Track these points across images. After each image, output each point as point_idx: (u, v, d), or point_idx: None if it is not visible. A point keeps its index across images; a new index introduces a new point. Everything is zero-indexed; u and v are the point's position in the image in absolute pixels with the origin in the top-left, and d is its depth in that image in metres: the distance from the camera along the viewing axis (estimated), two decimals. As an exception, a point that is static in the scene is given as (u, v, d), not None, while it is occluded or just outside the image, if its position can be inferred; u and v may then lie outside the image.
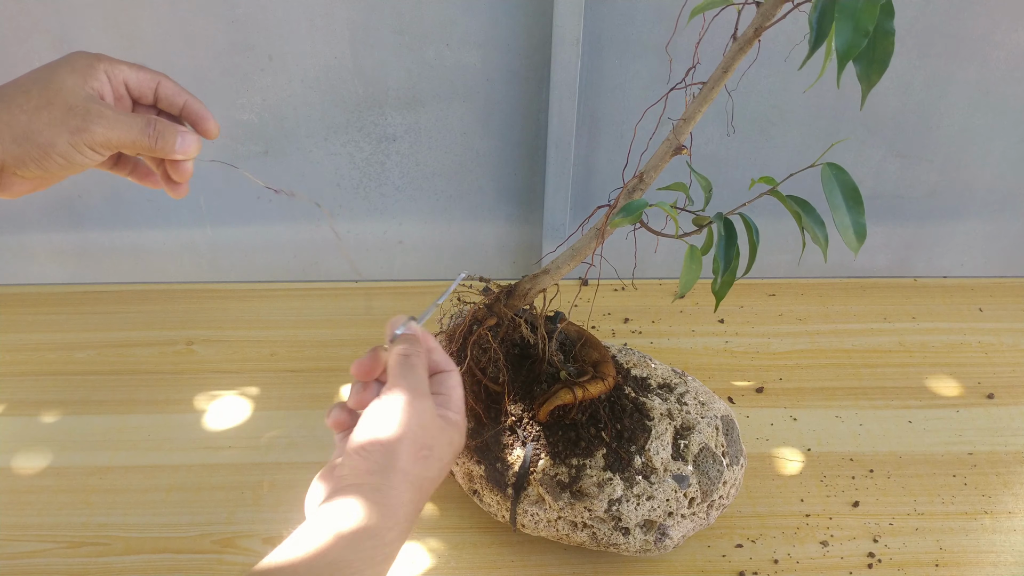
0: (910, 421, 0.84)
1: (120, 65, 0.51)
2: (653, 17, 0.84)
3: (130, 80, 0.51)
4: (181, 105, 0.54)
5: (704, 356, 0.92)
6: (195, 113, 0.54)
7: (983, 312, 0.99)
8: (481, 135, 0.94)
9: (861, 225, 0.49)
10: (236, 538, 0.72)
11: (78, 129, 0.47)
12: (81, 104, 0.47)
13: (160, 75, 0.53)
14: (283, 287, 1.04)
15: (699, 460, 0.66)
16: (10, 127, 0.46)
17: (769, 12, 0.45)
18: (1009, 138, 0.94)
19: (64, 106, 0.47)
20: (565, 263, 0.61)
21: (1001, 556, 0.70)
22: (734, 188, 0.91)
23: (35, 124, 0.46)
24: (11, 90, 0.48)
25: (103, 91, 0.50)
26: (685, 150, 0.53)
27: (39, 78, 0.48)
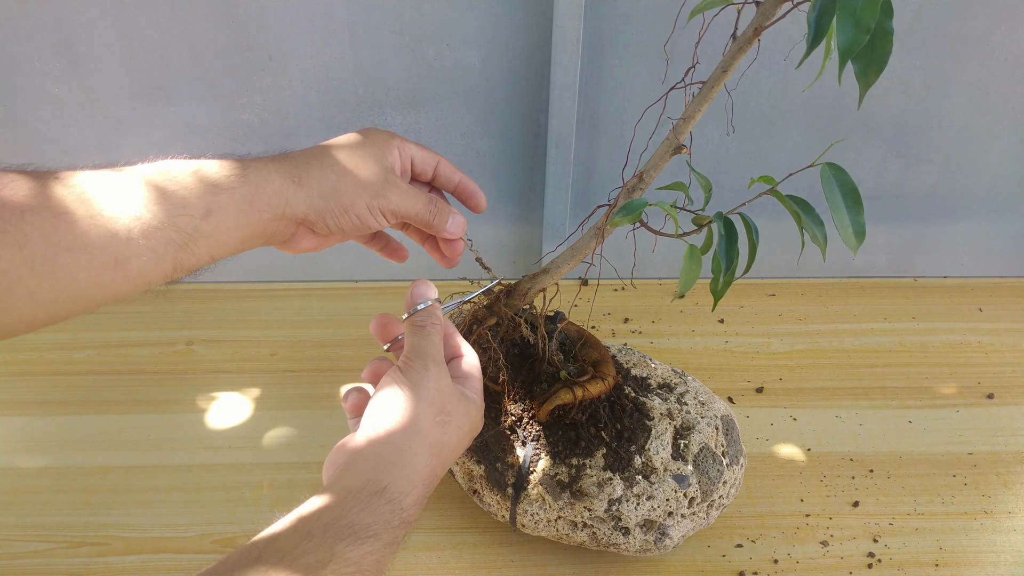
0: (910, 421, 0.84)
1: (409, 144, 0.56)
2: (653, 17, 0.84)
3: (416, 158, 0.57)
4: (456, 182, 0.60)
5: (704, 356, 0.92)
6: (468, 190, 0.61)
7: (983, 312, 0.99)
8: (481, 135, 0.94)
9: (860, 225, 0.49)
10: (236, 538, 0.72)
11: (377, 195, 0.52)
12: (381, 174, 0.53)
13: (439, 156, 0.58)
14: (283, 287, 1.04)
15: (699, 460, 0.66)
16: (320, 184, 0.50)
17: (768, 11, 0.45)
18: (1009, 138, 0.94)
19: (368, 173, 0.52)
20: (565, 263, 0.61)
21: (1001, 556, 0.70)
22: (734, 188, 0.91)
23: (342, 185, 0.51)
24: (323, 150, 0.52)
25: (395, 165, 0.55)
26: (685, 149, 0.53)
27: (347, 144, 0.53)
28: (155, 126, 0.91)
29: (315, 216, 0.50)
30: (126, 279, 0.43)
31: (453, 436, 0.51)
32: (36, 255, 0.39)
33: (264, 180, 0.48)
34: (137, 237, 0.42)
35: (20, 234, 0.38)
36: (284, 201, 0.49)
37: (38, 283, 0.39)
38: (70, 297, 0.41)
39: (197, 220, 0.45)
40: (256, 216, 0.48)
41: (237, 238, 0.48)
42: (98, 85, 0.88)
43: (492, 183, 0.98)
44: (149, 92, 0.89)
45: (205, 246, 0.46)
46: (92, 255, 0.41)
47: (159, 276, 0.44)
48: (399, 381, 0.51)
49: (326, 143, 0.53)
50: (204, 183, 0.46)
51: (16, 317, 0.40)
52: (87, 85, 0.88)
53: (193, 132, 0.92)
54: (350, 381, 0.88)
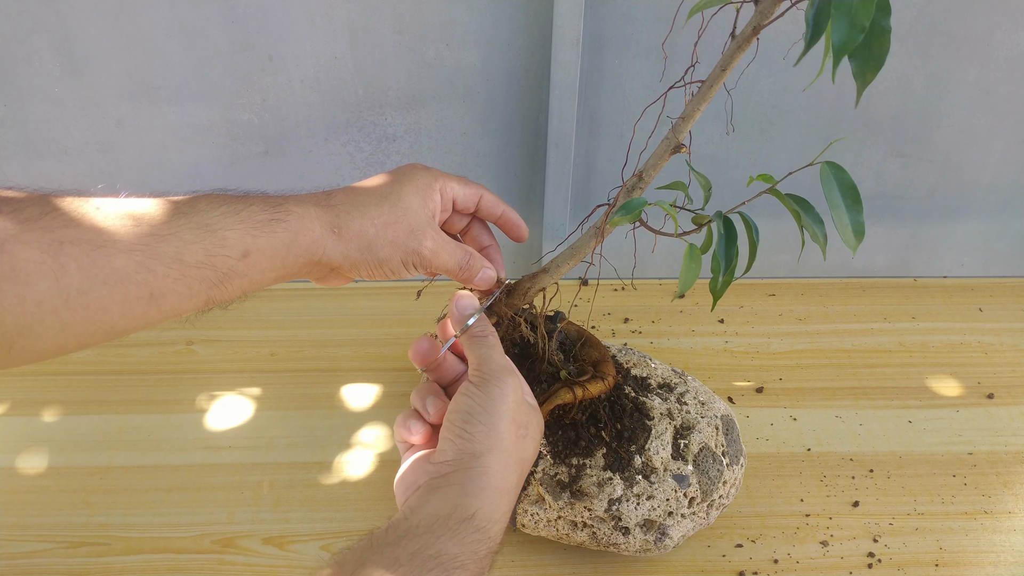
0: (910, 421, 0.84)
1: (451, 183, 0.56)
2: (653, 17, 0.84)
3: (458, 196, 0.57)
4: (499, 215, 0.60)
5: (704, 356, 0.92)
6: (511, 222, 0.61)
7: (983, 312, 0.99)
8: (481, 135, 0.94)
9: (860, 224, 0.49)
10: (236, 538, 0.72)
11: (413, 252, 0.52)
12: (421, 228, 0.52)
13: (482, 189, 0.58)
14: (283, 287, 1.04)
15: (699, 460, 0.66)
16: (358, 237, 0.50)
17: (767, 10, 0.45)
18: (1009, 138, 0.94)
19: (407, 227, 0.51)
20: (565, 262, 0.61)
21: (1001, 556, 0.70)
22: (734, 187, 0.91)
23: (380, 240, 0.50)
24: (363, 198, 0.51)
25: (436, 210, 0.55)
26: (684, 149, 0.53)
27: (390, 193, 0.52)
28: (155, 126, 0.91)
29: (349, 266, 0.50)
30: (158, 313, 0.43)
31: (530, 449, 0.50)
32: (72, 287, 0.39)
33: (304, 227, 0.48)
34: (174, 274, 0.42)
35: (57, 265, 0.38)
36: (322, 250, 0.49)
37: (71, 315, 0.39)
38: (101, 329, 0.41)
39: (234, 261, 0.45)
40: (292, 260, 0.48)
41: (271, 277, 0.48)
42: (98, 85, 0.88)
43: (492, 183, 0.98)
44: (149, 92, 0.89)
45: (239, 284, 0.46)
46: (127, 289, 0.41)
47: (190, 310, 0.45)
48: (477, 397, 0.49)
49: (369, 185, 0.53)
50: (245, 223, 0.46)
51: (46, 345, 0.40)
52: (87, 85, 0.88)
53: (193, 132, 0.92)
54: (350, 381, 0.88)
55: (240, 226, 0.45)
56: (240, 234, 0.45)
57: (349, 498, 0.76)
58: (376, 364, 0.91)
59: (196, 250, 0.43)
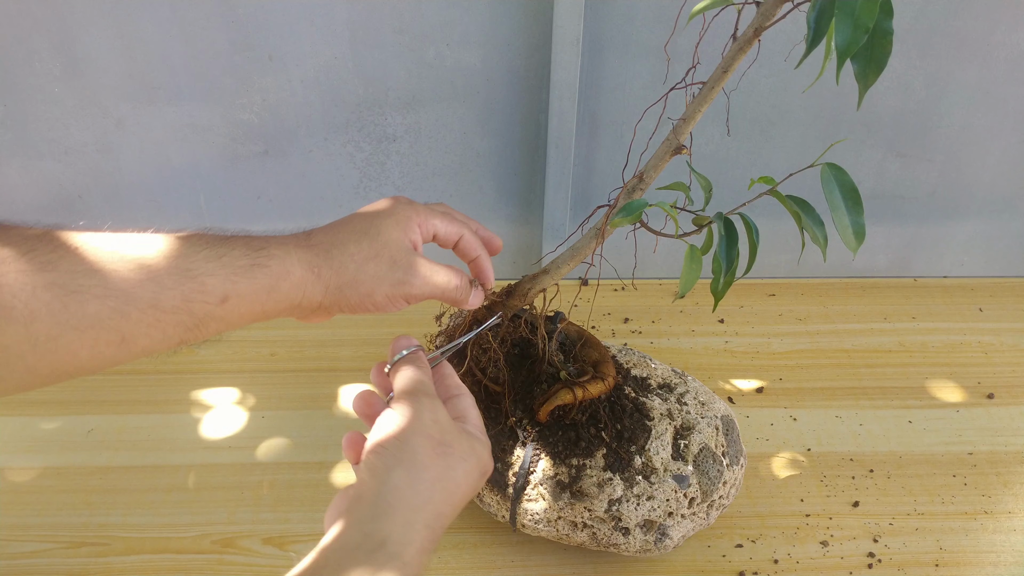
0: (910, 421, 0.84)
1: (433, 219, 0.54)
2: (653, 17, 0.84)
3: (439, 232, 0.55)
4: (472, 259, 0.58)
5: (704, 356, 0.92)
6: (481, 269, 0.58)
7: (983, 312, 0.99)
8: (481, 135, 0.94)
9: (860, 225, 0.50)
10: (236, 538, 0.72)
11: (400, 282, 0.50)
12: (404, 258, 0.51)
13: (464, 228, 0.56)
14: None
15: (699, 460, 0.66)
16: (339, 274, 0.49)
17: (769, 12, 0.45)
18: (1009, 138, 0.94)
19: (389, 259, 0.50)
20: (565, 263, 0.61)
21: (1001, 556, 0.70)
22: (734, 188, 0.91)
23: (361, 275, 0.49)
24: (342, 235, 0.50)
25: (417, 241, 0.53)
26: (685, 150, 0.53)
27: (368, 228, 0.51)
28: (155, 126, 0.91)
29: (331, 303, 0.49)
30: (128, 355, 0.42)
31: (459, 470, 0.48)
32: (41, 333, 0.38)
33: (286, 271, 0.47)
34: (148, 319, 0.41)
35: (28, 311, 0.37)
36: (302, 293, 0.48)
37: (38, 360, 0.38)
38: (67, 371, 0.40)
39: (212, 306, 0.44)
40: (273, 305, 0.47)
41: (248, 320, 0.47)
42: (98, 85, 0.88)
43: (492, 183, 0.98)
44: (149, 92, 0.89)
45: (215, 327, 0.45)
46: (98, 334, 0.40)
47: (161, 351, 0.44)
48: (390, 417, 0.48)
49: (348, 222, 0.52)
50: (226, 268, 0.44)
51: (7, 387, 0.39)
52: (87, 85, 0.88)
53: (193, 132, 0.92)
54: (350, 381, 0.88)
55: (221, 271, 0.44)
56: (220, 280, 0.44)
57: (349, 498, 0.76)
58: (376, 364, 0.91)
59: (174, 295, 0.42)
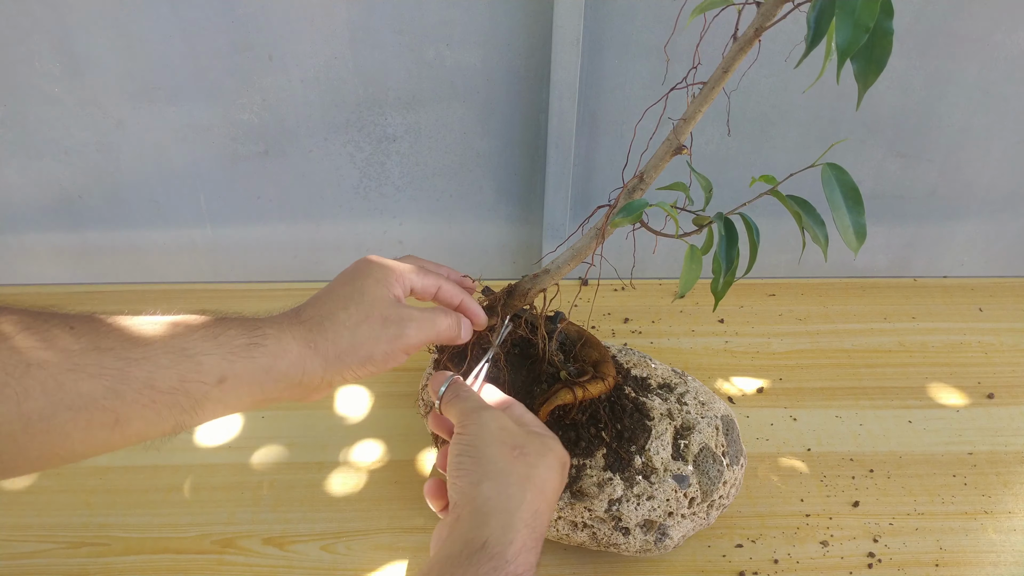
0: (910, 421, 0.84)
1: (408, 275, 0.54)
2: (653, 17, 0.84)
3: (416, 286, 0.55)
4: (457, 304, 0.58)
5: (704, 356, 0.92)
6: (469, 310, 0.59)
7: (983, 312, 0.99)
8: (481, 135, 0.94)
9: (861, 225, 0.49)
10: (236, 538, 0.72)
11: (395, 337, 0.50)
12: (393, 313, 0.51)
13: (440, 279, 0.56)
14: (283, 287, 1.04)
15: (699, 460, 0.66)
16: (335, 344, 0.48)
17: (769, 12, 0.45)
18: (1009, 138, 0.94)
19: (380, 318, 0.50)
20: (565, 263, 0.61)
21: (1001, 556, 0.70)
22: (734, 188, 0.91)
23: (357, 339, 0.49)
24: (329, 306, 0.50)
25: (400, 296, 0.53)
26: (685, 150, 0.53)
27: (352, 293, 0.51)
28: (155, 126, 0.91)
29: (333, 375, 0.49)
30: (121, 438, 0.41)
31: (540, 467, 0.49)
32: (33, 412, 0.37)
33: (283, 349, 0.46)
34: (143, 400, 0.40)
35: (21, 389, 0.36)
36: (302, 371, 0.47)
37: (29, 440, 0.37)
38: (58, 454, 0.39)
39: (209, 387, 0.43)
40: (272, 385, 0.46)
41: (247, 403, 0.46)
42: (98, 85, 0.88)
43: (492, 183, 0.98)
44: (149, 92, 0.89)
45: (211, 409, 0.44)
46: (92, 415, 0.39)
47: (155, 435, 0.43)
48: (460, 439, 0.49)
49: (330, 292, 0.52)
50: (222, 348, 0.44)
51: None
52: (87, 85, 0.88)
53: (193, 132, 0.92)
54: (350, 381, 0.88)
55: (217, 351, 0.44)
56: (217, 359, 0.43)
57: (349, 498, 0.76)
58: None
59: (169, 375, 0.41)
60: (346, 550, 0.71)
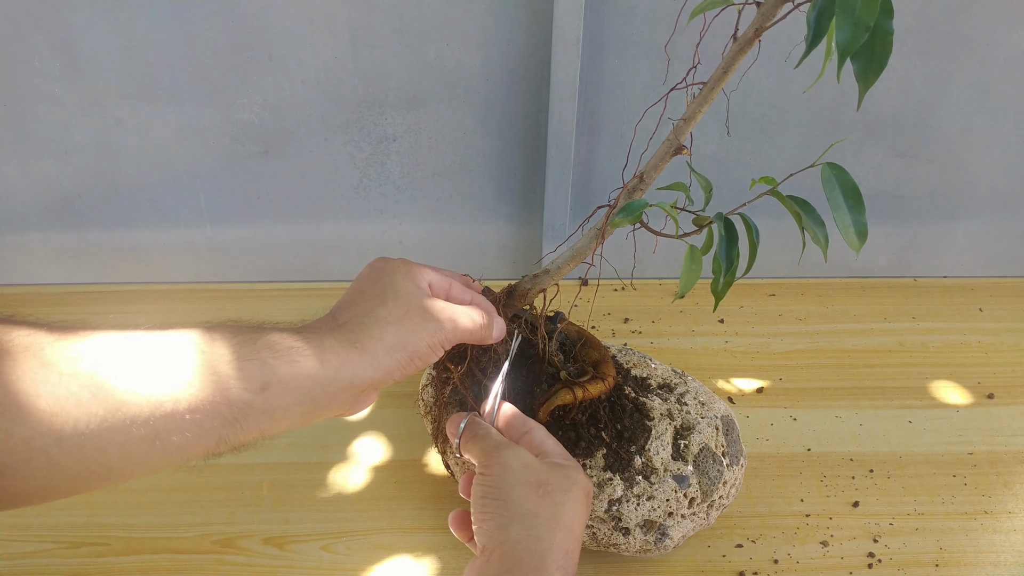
0: (910, 421, 0.84)
1: (425, 269, 0.54)
2: (653, 17, 0.84)
3: (433, 281, 0.54)
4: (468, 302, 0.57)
5: (704, 356, 0.92)
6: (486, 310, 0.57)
7: (983, 312, 0.99)
8: (481, 135, 0.94)
9: (862, 225, 0.50)
10: (236, 538, 0.72)
11: (437, 330, 0.49)
12: (432, 306, 0.50)
13: (452, 279, 0.56)
14: (283, 287, 1.04)
15: (699, 460, 0.66)
16: (381, 340, 0.47)
17: (769, 12, 0.45)
18: (1009, 138, 0.94)
19: (419, 312, 0.49)
20: (565, 263, 0.61)
21: (1001, 556, 0.70)
22: (734, 188, 0.91)
23: (402, 334, 0.48)
24: (365, 305, 0.49)
25: (426, 289, 0.52)
26: (685, 150, 0.53)
27: (385, 290, 0.50)
28: (155, 126, 0.91)
29: (383, 375, 0.47)
30: (162, 455, 0.38)
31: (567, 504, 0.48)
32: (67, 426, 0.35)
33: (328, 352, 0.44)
34: (183, 410, 0.38)
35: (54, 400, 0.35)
36: (351, 372, 0.45)
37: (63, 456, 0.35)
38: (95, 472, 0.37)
39: (252, 395, 0.41)
40: (321, 391, 0.44)
41: (296, 413, 0.43)
42: (98, 85, 0.88)
43: (492, 183, 0.98)
44: (149, 92, 0.89)
45: (256, 422, 0.42)
46: (129, 429, 0.37)
47: (199, 453, 0.40)
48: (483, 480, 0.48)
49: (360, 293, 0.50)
50: (263, 352, 0.42)
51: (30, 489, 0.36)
52: (87, 85, 0.88)
53: (193, 132, 0.92)
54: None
55: (257, 356, 0.42)
56: (258, 364, 0.41)
57: (349, 498, 0.76)
58: (376, 364, 0.91)
59: (208, 382, 0.39)
60: (346, 550, 0.71)
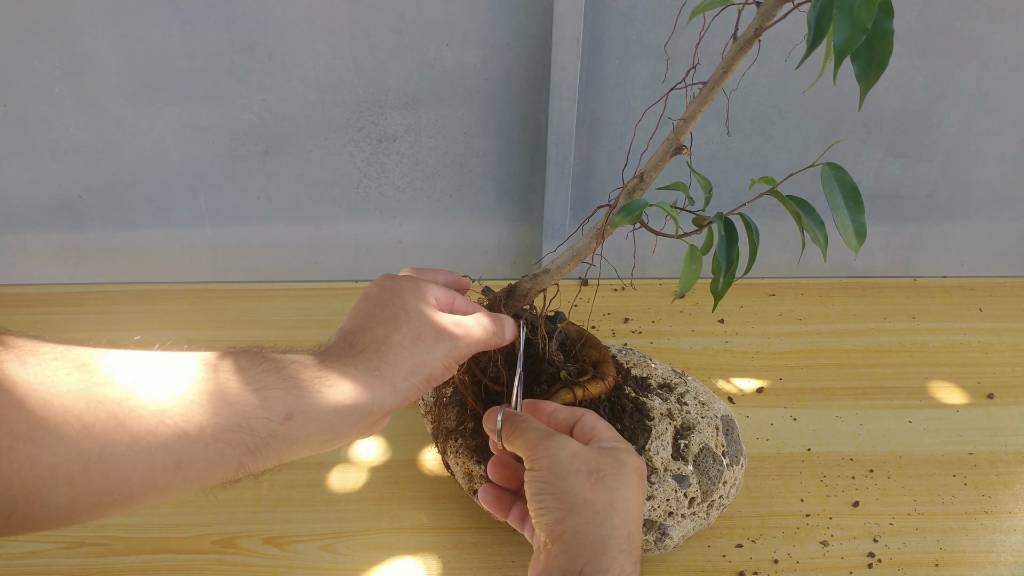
0: (910, 421, 0.84)
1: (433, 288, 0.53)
2: (653, 17, 0.84)
3: (439, 298, 0.53)
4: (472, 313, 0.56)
5: (704, 356, 0.92)
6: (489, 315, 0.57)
7: (983, 312, 0.99)
8: (481, 135, 0.94)
9: (861, 225, 0.49)
10: (236, 538, 0.72)
11: (451, 349, 0.49)
12: (443, 325, 0.50)
13: (455, 293, 0.55)
14: (283, 287, 1.04)
15: (699, 460, 0.66)
16: (398, 367, 0.47)
17: (769, 12, 0.45)
18: (1009, 138, 0.94)
19: (432, 332, 0.49)
20: (565, 263, 0.61)
21: (1001, 556, 0.70)
22: (734, 188, 0.92)
23: (417, 358, 0.47)
24: (380, 330, 0.48)
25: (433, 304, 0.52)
26: (685, 150, 0.53)
27: (396, 313, 0.49)
28: (155, 126, 0.91)
29: (401, 400, 0.47)
30: (183, 482, 0.38)
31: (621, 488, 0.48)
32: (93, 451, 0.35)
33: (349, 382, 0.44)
34: (207, 439, 0.38)
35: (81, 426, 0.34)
36: (371, 400, 0.45)
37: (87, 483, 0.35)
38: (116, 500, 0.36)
39: (275, 424, 0.41)
40: (341, 421, 0.44)
41: (316, 442, 0.43)
42: (98, 85, 0.88)
43: (492, 183, 0.98)
44: (149, 92, 0.89)
45: (277, 451, 0.42)
46: (153, 456, 0.36)
47: (219, 479, 0.40)
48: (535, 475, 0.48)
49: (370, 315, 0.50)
50: (287, 382, 0.42)
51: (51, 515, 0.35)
52: (87, 85, 0.88)
53: (193, 132, 0.92)
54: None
55: (282, 385, 0.41)
56: (282, 394, 0.41)
57: (349, 498, 0.76)
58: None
59: (233, 411, 0.39)
60: (346, 550, 0.71)
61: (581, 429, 0.54)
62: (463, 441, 0.69)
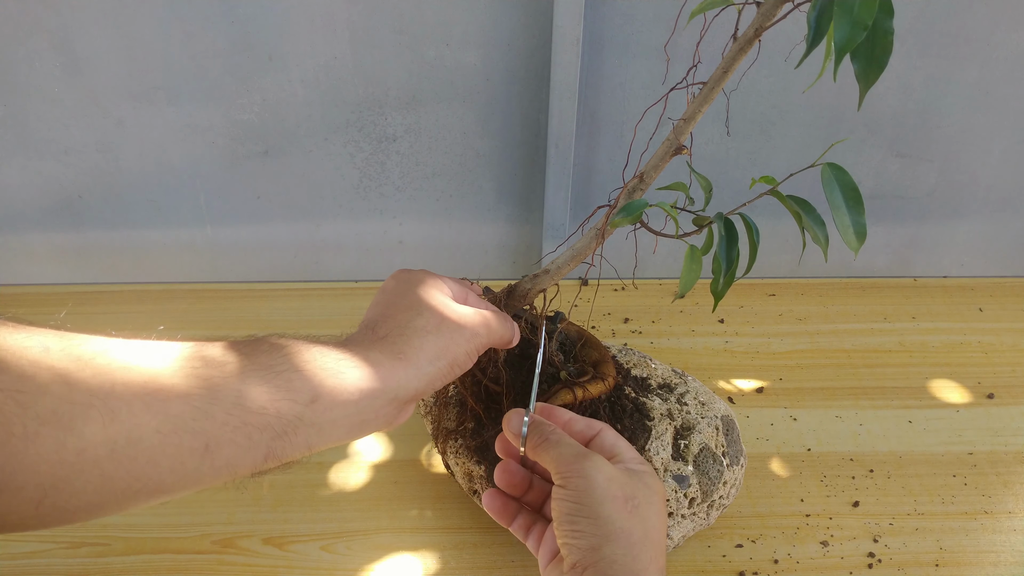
0: (910, 421, 0.84)
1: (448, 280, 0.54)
2: (653, 17, 0.84)
3: (454, 291, 0.54)
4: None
5: (704, 356, 0.92)
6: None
7: (983, 312, 0.99)
8: (481, 135, 0.94)
9: (861, 225, 0.50)
10: (236, 538, 0.72)
11: (472, 336, 0.50)
12: (464, 314, 0.50)
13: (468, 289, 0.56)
14: (283, 287, 1.04)
15: (699, 460, 0.66)
16: (423, 350, 0.47)
17: (769, 12, 0.45)
18: (1009, 138, 0.94)
19: (454, 320, 0.49)
20: (565, 263, 0.61)
21: (1001, 556, 0.70)
22: (734, 188, 0.91)
23: (441, 341, 0.48)
24: (402, 316, 0.48)
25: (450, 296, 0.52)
26: (685, 150, 0.53)
27: (418, 301, 0.50)
28: (155, 126, 0.91)
29: (426, 385, 0.47)
30: (211, 469, 0.38)
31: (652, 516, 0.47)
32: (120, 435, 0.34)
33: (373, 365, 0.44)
34: (234, 421, 0.38)
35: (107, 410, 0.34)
36: (396, 384, 0.45)
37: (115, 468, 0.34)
38: (145, 487, 0.36)
39: (301, 407, 0.41)
40: (368, 403, 0.44)
41: (343, 428, 0.43)
42: (98, 85, 0.88)
43: (492, 183, 0.98)
44: (149, 92, 0.89)
45: (304, 435, 0.41)
46: (182, 439, 0.36)
47: (247, 466, 0.40)
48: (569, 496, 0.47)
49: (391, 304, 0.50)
50: (311, 364, 0.42)
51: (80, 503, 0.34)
52: (87, 85, 0.88)
53: (193, 132, 0.92)
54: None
55: (305, 367, 0.42)
56: (307, 377, 0.41)
57: (349, 498, 0.76)
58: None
59: (259, 394, 0.39)
60: (346, 550, 0.71)
61: (600, 446, 0.53)
62: (463, 441, 0.69)
